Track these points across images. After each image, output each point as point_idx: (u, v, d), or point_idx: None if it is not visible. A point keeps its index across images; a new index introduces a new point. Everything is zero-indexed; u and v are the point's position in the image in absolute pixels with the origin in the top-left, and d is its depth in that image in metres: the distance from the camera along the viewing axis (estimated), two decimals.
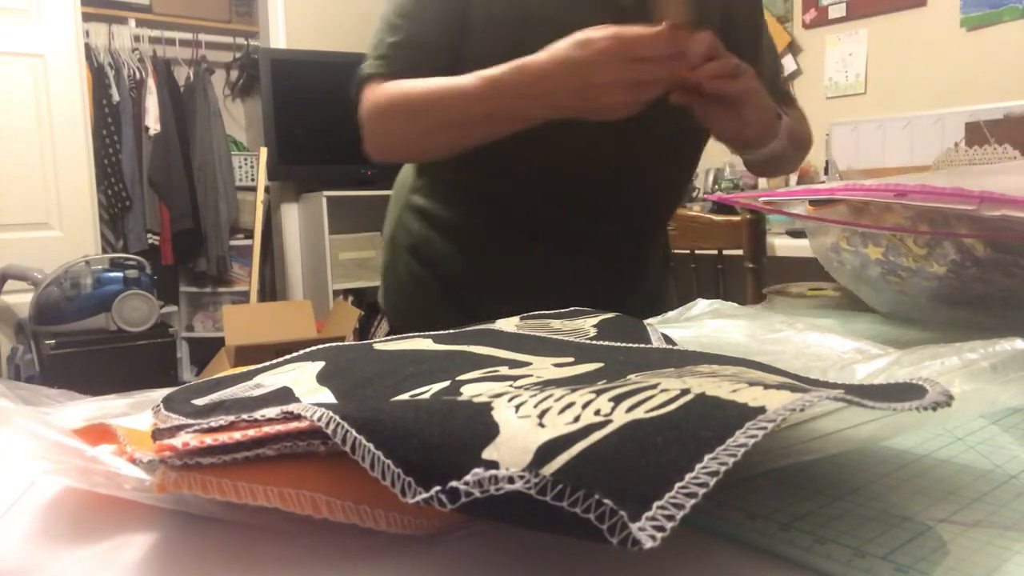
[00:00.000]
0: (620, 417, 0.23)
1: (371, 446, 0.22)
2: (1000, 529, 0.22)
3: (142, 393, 0.42)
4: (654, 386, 0.26)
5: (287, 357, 0.38)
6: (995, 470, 0.26)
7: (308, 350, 0.38)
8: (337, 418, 0.24)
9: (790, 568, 0.21)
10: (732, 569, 0.22)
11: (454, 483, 0.20)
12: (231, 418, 0.26)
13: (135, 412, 0.39)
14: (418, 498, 0.20)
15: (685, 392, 0.25)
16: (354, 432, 0.23)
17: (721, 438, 0.21)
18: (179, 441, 0.24)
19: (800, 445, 0.27)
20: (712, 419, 0.22)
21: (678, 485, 0.19)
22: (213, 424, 0.25)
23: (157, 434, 0.29)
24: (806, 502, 0.24)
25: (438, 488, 0.20)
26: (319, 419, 0.24)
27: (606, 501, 0.18)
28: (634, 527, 0.18)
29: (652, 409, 0.24)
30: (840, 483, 0.26)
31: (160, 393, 0.34)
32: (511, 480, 0.20)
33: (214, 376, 0.35)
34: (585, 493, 0.19)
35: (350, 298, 2.76)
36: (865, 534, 0.22)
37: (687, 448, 0.20)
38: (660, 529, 0.18)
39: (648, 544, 0.18)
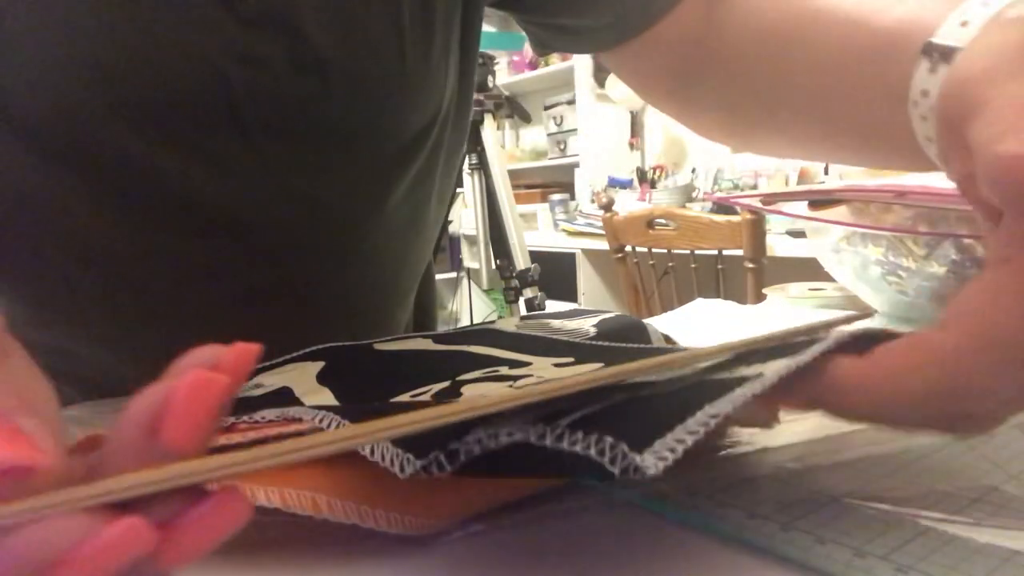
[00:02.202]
0: (620, 396, 0.23)
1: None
2: (1000, 529, 0.22)
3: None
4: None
5: (287, 357, 0.38)
6: (995, 470, 0.26)
7: (308, 350, 0.38)
8: (338, 418, 0.24)
9: (790, 568, 0.21)
10: (732, 569, 0.22)
11: (454, 445, 0.20)
12: (231, 419, 0.26)
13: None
14: (417, 466, 0.20)
15: (683, 379, 0.25)
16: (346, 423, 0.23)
17: (720, 393, 0.21)
18: None
19: (800, 446, 0.27)
20: (712, 385, 0.22)
21: (679, 426, 0.19)
22: None
23: None
24: (806, 502, 0.24)
25: (436, 452, 0.20)
26: (320, 421, 0.24)
27: (607, 438, 0.18)
28: (636, 457, 0.18)
29: (653, 393, 0.24)
30: (840, 483, 0.26)
31: None
32: (510, 433, 0.20)
33: None
34: (585, 433, 0.19)
35: None
36: (865, 534, 0.22)
37: (688, 403, 0.20)
38: (662, 459, 0.18)
39: (651, 471, 0.17)
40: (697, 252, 1.81)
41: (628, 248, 1.99)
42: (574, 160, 3.39)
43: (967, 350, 0.20)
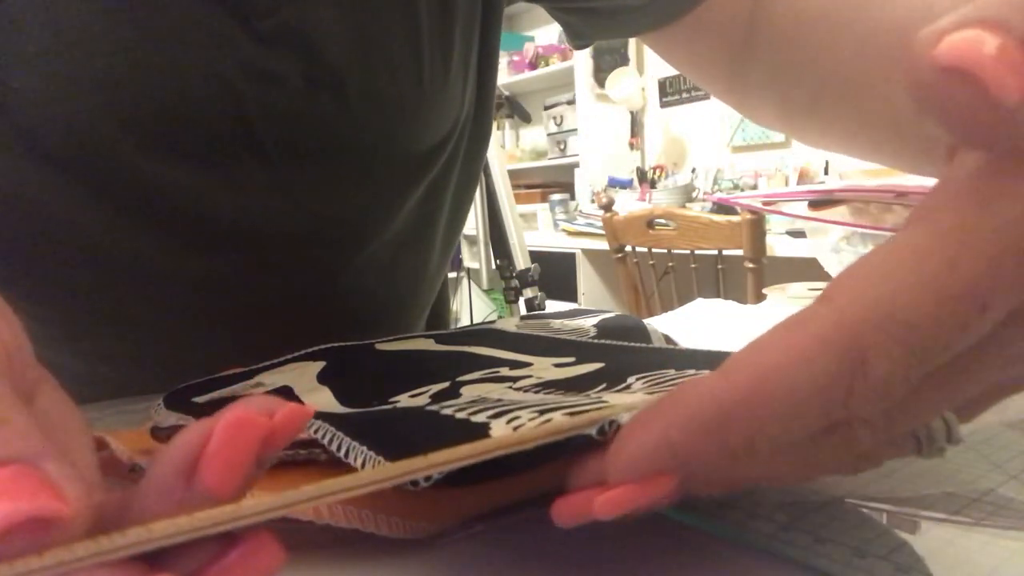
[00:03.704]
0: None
1: (364, 447, 0.22)
2: (1000, 529, 0.22)
3: (135, 401, 0.42)
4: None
5: (288, 356, 0.38)
6: (995, 471, 0.26)
7: (309, 350, 0.38)
8: (333, 429, 0.24)
9: (790, 568, 0.21)
10: (732, 569, 0.22)
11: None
12: None
13: (124, 418, 0.39)
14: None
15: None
16: (349, 439, 0.23)
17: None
18: None
19: None
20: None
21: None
22: None
23: (156, 432, 0.29)
24: (806, 502, 0.24)
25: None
26: (315, 432, 0.24)
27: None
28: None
29: None
30: (840, 483, 0.26)
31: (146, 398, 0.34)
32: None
33: (215, 375, 0.35)
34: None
35: None
36: (865, 534, 0.22)
37: None
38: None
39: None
40: (697, 252, 1.81)
41: (628, 248, 1.99)
42: (574, 160, 3.39)
43: (861, 325, 0.15)
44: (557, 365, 0.33)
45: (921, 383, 0.16)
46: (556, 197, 3.32)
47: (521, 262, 1.88)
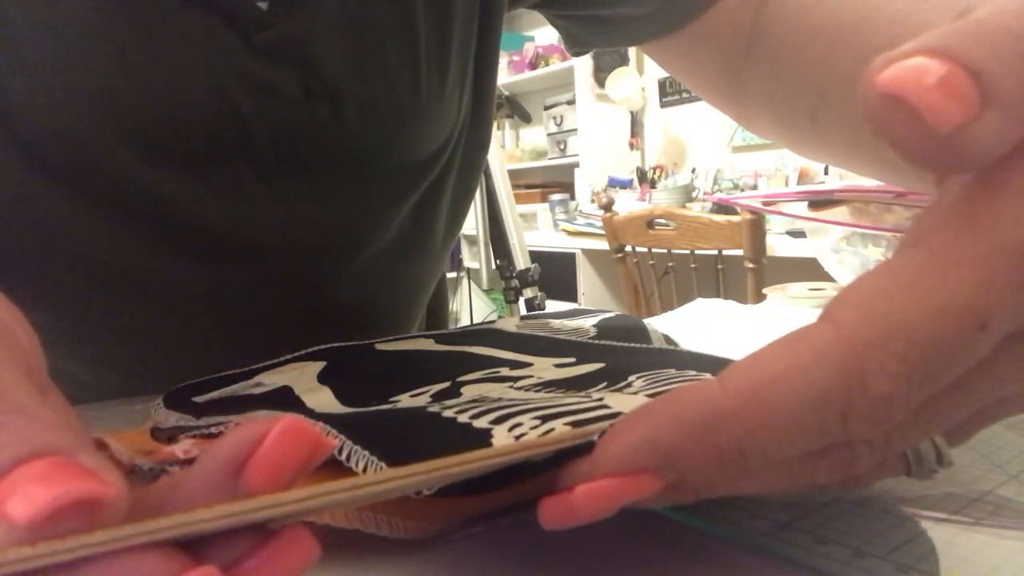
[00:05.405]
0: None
1: (366, 452, 0.22)
2: (1000, 529, 0.22)
3: (135, 401, 0.42)
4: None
5: (288, 356, 0.38)
6: (994, 471, 0.26)
7: (310, 350, 0.38)
8: (335, 431, 0.24)
9: (790, 568, 0.21)
10: (732, 569, 0.22)
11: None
12: (229, 419, 0.26)
13: (124, 418, 0.39)
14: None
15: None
16: (351, 443, 0.23)
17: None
18: (180, 449, 0.24)
19: None
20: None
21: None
22: (215, 431, 0.25)
23: (156, 432, 0.29)
24: (806, 502, 0.24)
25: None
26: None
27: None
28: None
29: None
30: None
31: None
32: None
33: (215, 375, 0.35)
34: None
35: None
36: (865, 534, 0.22)
37: None
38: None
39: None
40: (697, 252, 1.81)
41: (628, 248, 1.99)
42: (574, 160, 3.39)
43: (860, 342, 0.15)
44: (558, 365, 0.33)
45: (921, 404, 0.16)
46: (556, 197, 3.32)
47: (521, 262, 1.88)
